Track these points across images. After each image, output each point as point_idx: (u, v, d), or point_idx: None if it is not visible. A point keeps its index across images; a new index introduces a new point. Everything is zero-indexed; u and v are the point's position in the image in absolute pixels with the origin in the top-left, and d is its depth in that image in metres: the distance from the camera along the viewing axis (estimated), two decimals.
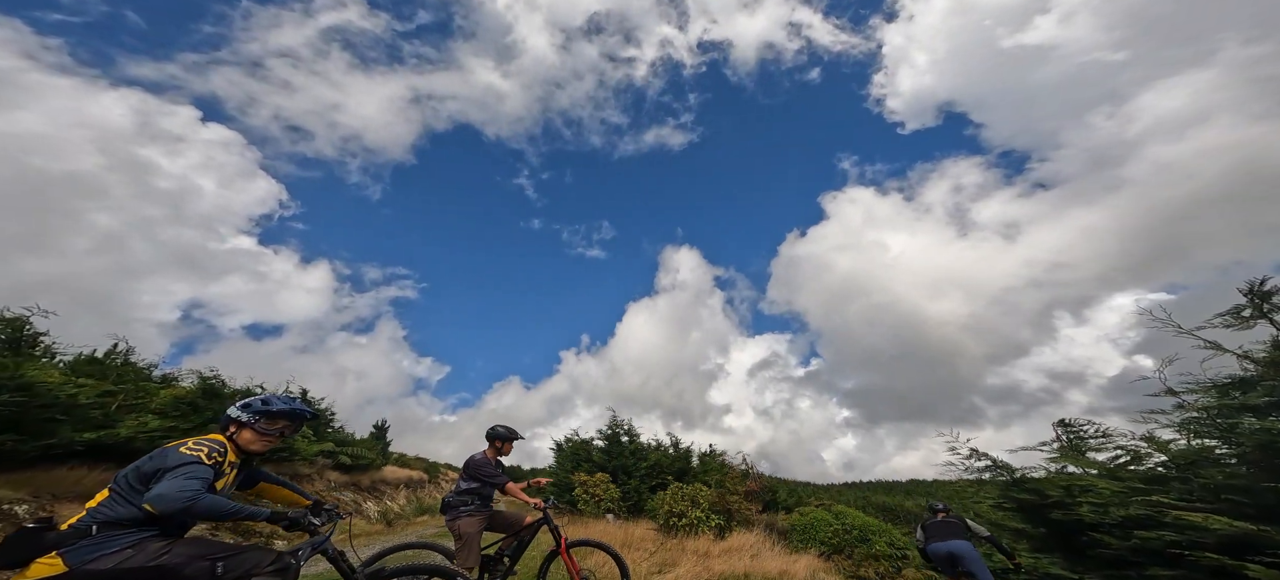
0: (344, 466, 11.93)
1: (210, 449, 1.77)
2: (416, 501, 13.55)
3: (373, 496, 12.09)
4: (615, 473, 13.37)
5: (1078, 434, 5.79)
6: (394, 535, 9.01)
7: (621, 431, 14.91)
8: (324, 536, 2.07)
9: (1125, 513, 4.49)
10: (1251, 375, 4.09)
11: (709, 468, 13.86)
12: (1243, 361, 4.15)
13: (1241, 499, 3.82)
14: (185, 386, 8.67)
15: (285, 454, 9.61)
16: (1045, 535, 5.78)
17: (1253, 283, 4.00)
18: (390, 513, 10.83)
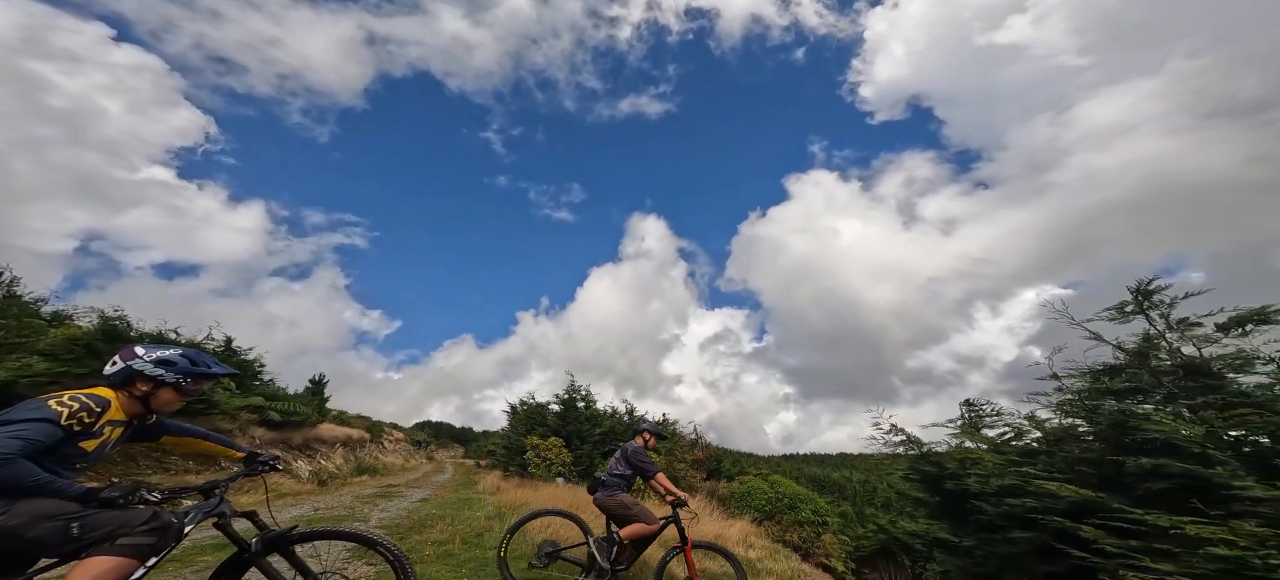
0: (273, 423, 11.29)
1: (80, 407, 1.57)
2: (355, 461, 13.23)
3: (306, 455, 11.64)
4: (569, 438, 13.74)
5: (978, 413, 6.50)
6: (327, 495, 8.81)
7: (578, 397, 15.22)
8: (217, 501, 1.88)
9: (1002, 483, 5.28)
10: (1120, 363, 4.80)
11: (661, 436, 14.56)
12: (1116, 351, 4.85)
13: (1090, 470, 4.63)
14: (81, 326, 7.67)
15: (201, 407, 8.92)
16: (939, 503, 6.73)
17: (1140, 282, 4.60)
18: (323, 472, 10.52)
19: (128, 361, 1.72)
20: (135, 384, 1.73)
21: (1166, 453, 3.89)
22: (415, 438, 29.18)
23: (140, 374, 1.72)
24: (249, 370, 11.92)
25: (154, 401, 1.77)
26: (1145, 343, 4.61)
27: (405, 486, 10.81)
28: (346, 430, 16.76)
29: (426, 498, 8.95)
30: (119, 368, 1.72)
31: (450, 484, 12.27)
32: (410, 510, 7.17)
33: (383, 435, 22.61)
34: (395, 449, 22.88)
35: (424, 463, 21.26)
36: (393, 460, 18.08)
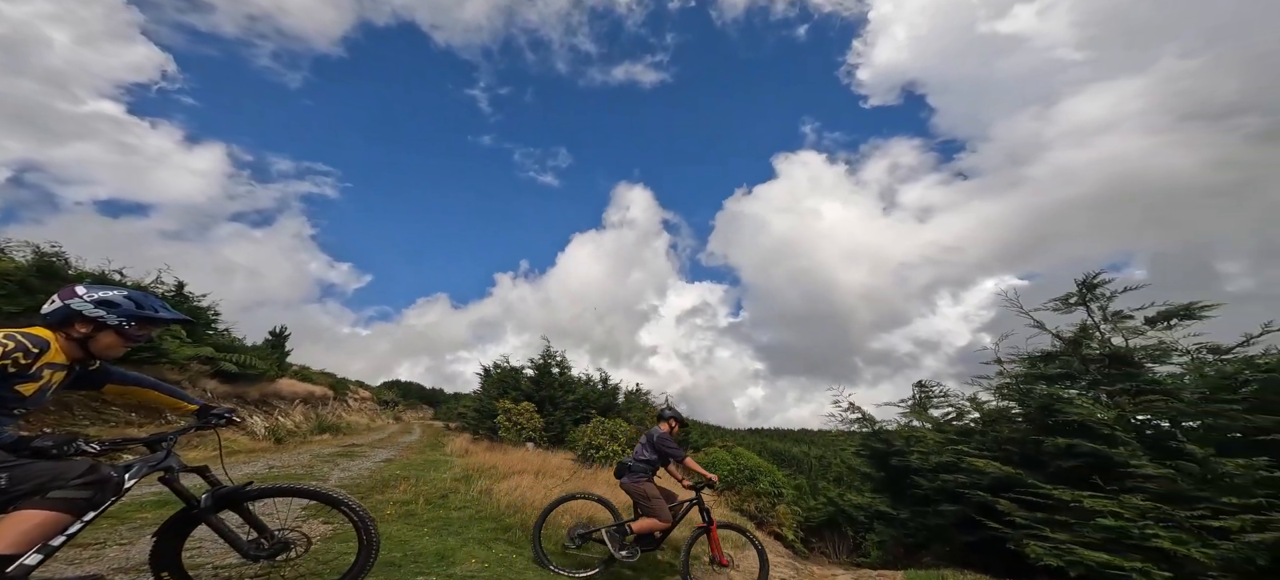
0: (227, 375, 10.81)
1: (15, 346, 1.46)
2: (316, 419, 12.94)
3: (263, 411, 11.28)
4: (542, 403, 13.86)
5: (928, 394, 6.97)
6: (284, 453, 8.64)
7: (553, 362, 15.26)
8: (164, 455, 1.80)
9: (939, 459, 5.78)
10: (1056, 351, 5.24)
11: (633, 406, 14.91)
12: (1054, 339, 5.28)
13: (1014, 449, 5.11)
14: (14, 261, 6.99)
15: (147, 354, 8.40)
16: (883, 478, 7.33)
17: (1087, 276, 4.97)
18: (280, 429, 10.24)
19: (66, 301, 1.61)
20: (74, 325, 1.62)
21: (1081, 434, 4.30)
22: (382, 397, 28.69)
23: (79, 315, 1.61)
24: (202, 318, 11.26)
25: (94, 345, 1.66)
26: (1081, 332, 5.00)
27: (369, 447, 10.73)
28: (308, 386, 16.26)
29: (391, 458, 8.94)
30: (57, 307, 1.61)
31: (417, 445, 12.27)
32: (373, 470, 7.16)
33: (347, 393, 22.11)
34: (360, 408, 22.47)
35: (391, 423, 21.04)
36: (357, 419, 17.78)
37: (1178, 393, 4.08)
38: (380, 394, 28.05)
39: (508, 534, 4.51)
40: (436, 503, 5.30)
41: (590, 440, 10.08)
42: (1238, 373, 3.83)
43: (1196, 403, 3.88)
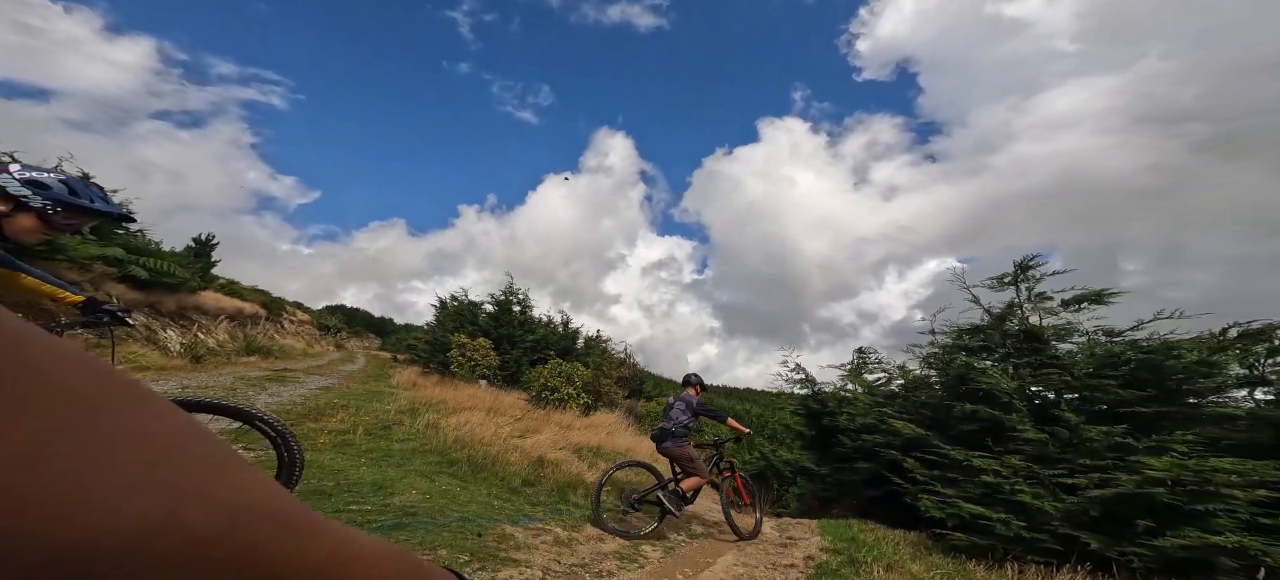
0: (138, 281, 9.61)
1: None
2: (243, 338, 12.00)
3: (180, 325, 10.26)
4: (500, 341, 13.71)
5: (865, 360, 7.51)
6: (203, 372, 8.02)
7: (515, 300, 14.97)
8: None
9: (864, 420, 6.38)
10: (982, 325, 5.78)
11: (592, 351, 15.15)
12: (984, 315, 5.79)
13: (928, 412, 5.73)
14: None
15: (42, 249, 7.19)
16: (814, 436, 8.05)
17: (1025, 257, 5.40)
18: (200, 346, 9.43)
19: None
20: None
21: (986, 401, 4.78)
22: (323, 322, 27.14)
23: (3, 190, 1.51)
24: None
25: (8, 225, 1.56)
26: (1007, 310, 5.41)
27: (304, 373, 10.22)
28: (236, 303, 14.96)
29: (329, 386, 8.60)
30: None
31: (359, 375, 11.87)
32: (307, 397, 6.85)
33: (283, 315, 20.66)
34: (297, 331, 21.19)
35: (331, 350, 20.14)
36: (292, 343, 16.81)
37: (1071, 368, 4.65)
38: (321, 318, 26.42)
39: (453, 468, 4.55)
40: (377, 434, 5.21)
41: (546, 382, 10.20)
42: (1121, 353, 4.41)
43: (1083, 378, 4.46)
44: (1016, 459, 4.26)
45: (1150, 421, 4.07)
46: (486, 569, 2.65)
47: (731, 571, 3.41)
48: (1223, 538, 3.11)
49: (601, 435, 7.58)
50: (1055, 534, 3.69)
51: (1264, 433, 3.83)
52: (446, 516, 3.17)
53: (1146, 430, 3.95)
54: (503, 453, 5.10)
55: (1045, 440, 4.26)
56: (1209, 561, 3.16)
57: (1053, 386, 4.78)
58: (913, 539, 4.41)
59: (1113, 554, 3.42)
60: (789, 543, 4.02)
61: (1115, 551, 3.43)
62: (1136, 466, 3.61)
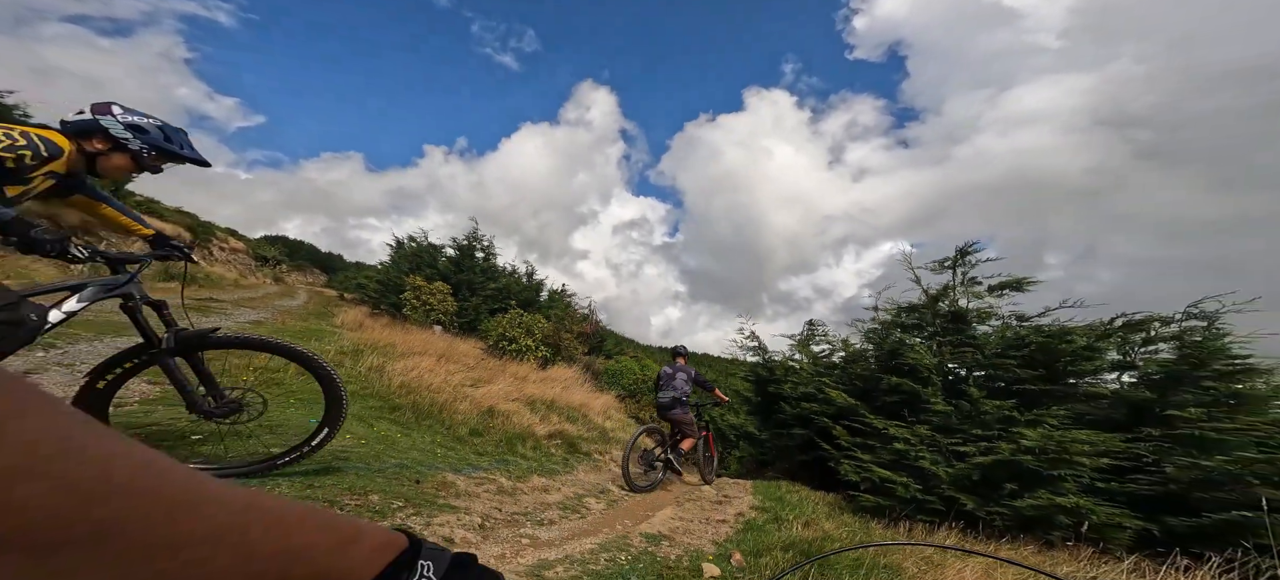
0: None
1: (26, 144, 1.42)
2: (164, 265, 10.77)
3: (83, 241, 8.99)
4: (459, 287, 13.26)
5: (814, 332, 7.96)
6: None
7: (479, 246, 14.46)
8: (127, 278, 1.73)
9: (805, 389, 6.85)
10: (919, 304, 6.22)
11: (556, 304, 15.02)
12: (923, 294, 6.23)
13: (860, 384, 6.26)
14: None
15: None
16: (759, 402, 8.58)
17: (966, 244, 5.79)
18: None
19: (97, 116, 1.63)
20: (93, 139, 1.63)
21: (910, 375, 5.26)
22: (260, 252, 25.11)
23: (104, 131, 1.63)
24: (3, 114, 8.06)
25: (103, 163, 1.67)
26: (941, 291, 5.85)
27: (233, 305, 9.47)
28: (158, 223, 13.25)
29: (261, 321, 8.04)
30: (84, 118, 1.62)
31: (298, 312, 11.16)
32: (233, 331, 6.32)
33: (212, 241, 18.76)
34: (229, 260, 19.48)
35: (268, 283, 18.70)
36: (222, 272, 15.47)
37: (983, 347, 5.16)
38: (258, 248, 24.45)
39: (396, 413, 4.45)
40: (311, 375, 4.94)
41: (505, 332, 10.05)
42: (1025, 336, 4.92)
43: (991, 357, 4.97)
44: (925, 429, 4.75)
45: (1036, 397, 4.63)
46: (422, 515, 2.65)
47: (669, 524, 3.63)
48: (1065, 499, 3.68)
49: (557, 389, 7.67)
50: (942, 496, 4.22)
51: (1120, 410, 4.48)
52: (382, 463, 3.11)
53: (1031, 405, 4.50)
54: (451, 401, 5.05)
55: (950, 412, 4.76)
56: (1050, 519, 3.75)
57: (966, 364, 5.30)
58: (831, 500, 4.90)
59: (982, 513, 3.98)
60: (724, 500, 4.34)
61: (984, 511, 3.99)
62: (1015, 436, 4.12)
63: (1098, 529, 3.62)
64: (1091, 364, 4.72)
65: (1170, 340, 4.45)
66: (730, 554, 2.82)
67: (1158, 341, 4.56)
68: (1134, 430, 4.18)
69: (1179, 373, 4.22)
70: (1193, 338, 4.27)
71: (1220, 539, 3.35)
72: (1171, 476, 3.89)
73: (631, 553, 2.82)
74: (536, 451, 4.92)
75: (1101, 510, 3.58)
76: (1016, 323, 5.31)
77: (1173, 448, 4.01)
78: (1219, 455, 3.78)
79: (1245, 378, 4.04)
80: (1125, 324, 4.64)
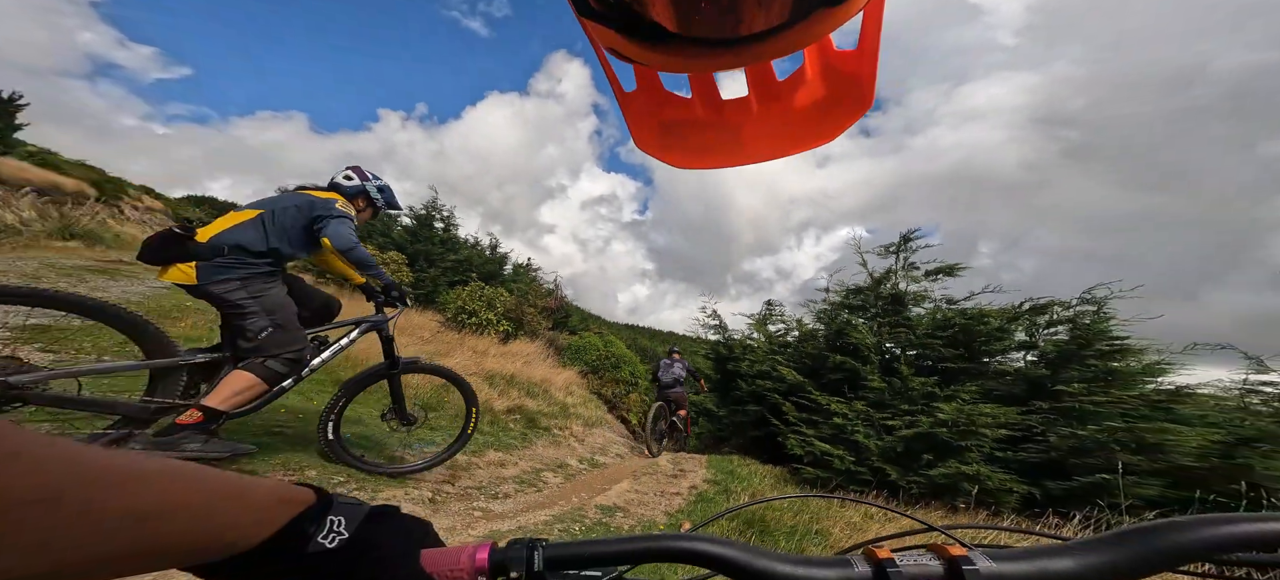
0: None
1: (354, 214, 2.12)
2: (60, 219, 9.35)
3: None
4: (416, 258, 12.58)
5: (772, 312, 8.32)
6: None
7: (438, 216, 13.75)
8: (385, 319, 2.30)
9: (760, 367, 7.24)
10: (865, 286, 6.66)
11: (521, 278, 14.61)
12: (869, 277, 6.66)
13: (809, 362, 6.68)
14: None
15: None
16: (719, 379, 8.94)
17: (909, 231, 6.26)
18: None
19: (364, 181, 2.21)
20: (357, 200, 2.18)
21: (853, 354, 5.71)
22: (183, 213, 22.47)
23: (367, 194, 2.19)
24: None
25: (359, 218, 2.17)
26: (884, 275, 6.33)
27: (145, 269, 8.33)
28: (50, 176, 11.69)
29: None
30: (357, 184, 2.18)
31: None
32: (148, 296, 5.66)
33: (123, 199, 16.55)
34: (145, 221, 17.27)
35: None
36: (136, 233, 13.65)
37: (915, 328, 5.62)
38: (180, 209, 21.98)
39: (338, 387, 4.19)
40: None
41: (464, 304, 9.67)
42: (952, 318, 5.41)
43: (922, 337, 5.43)
44: (861, 404, 5.17)
45: (955, 375, 5.14)
46: (366, 490, 2.56)
47: (624, 496, 3.74)
48: (969, 467, 4.16)
49: (517, 364, 7.54)
50: (871, 467, 4.63)
51: (1019, 386, 5.07)
52: None
53: (950, 382, 4.99)
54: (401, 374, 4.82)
55: (884, 389, 5.19)
56: (956, 486, 4.24)
57: (900, 344, 5.77)
58: (777, 472, 5.28)
59: (903, 482, 4.43)
60: (680, 474, 4.53)
61: (904, 480, 4.44)
62: (934, 410, 4.57)
63: (992, 493, 4.14)
64: (1001, 344, 5.28)
65: (1066, 323, 5.05)
66: (681, 524, 2.95)
67: (1057, 324, 5.18)
68: (1028, 404, 4.77)
69: (1069, 352, 4.82)
70: (1084, 321, 4.87)
71: (1084, 499, 3.94)
72: (1053, 445, 4.50)
73: (586, 523, 2.89)
74: (494, 426, 4.84)
75: (996, 476, 4.10)
76: (946, 306, 5.81)
77: (1058, 419, 4.62)
78: (1092, 425, 4.39)
79: (1121, 357, 4.69)
80: (1032, 308, 5.20)
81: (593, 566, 0.28)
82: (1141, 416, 4.34)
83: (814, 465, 5.01)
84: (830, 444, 4.97)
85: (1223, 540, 0.21)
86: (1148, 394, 4.55)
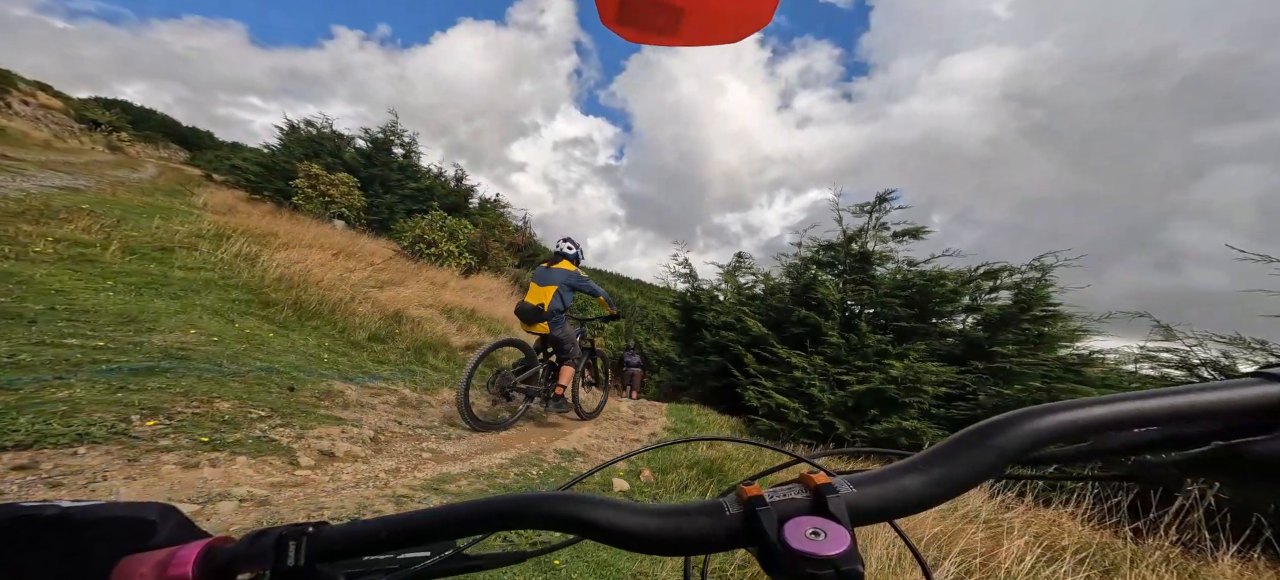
0: None
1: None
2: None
3: None
4: (370, 182, 11.38)
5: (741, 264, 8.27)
6: None
7: (397, 141, 12.46)
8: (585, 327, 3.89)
9: (725, 318, 7.26)
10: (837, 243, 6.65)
11: (487, 212, 13.68)
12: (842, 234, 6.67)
13: (773, 315, 6.76)
14: None
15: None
16: (683, 330, 8.96)
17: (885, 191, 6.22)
18: None
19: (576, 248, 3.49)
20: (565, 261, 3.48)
21: (817, 309, 5.79)
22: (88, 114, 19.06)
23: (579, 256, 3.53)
24: None
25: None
26: (857, 233, 6.33)
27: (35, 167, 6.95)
28: None
29: (76, 188, 6.02)
30: (576, 251, 3.46)
31: (141, 185, 8.71)
32: (32, 194, 4.66)
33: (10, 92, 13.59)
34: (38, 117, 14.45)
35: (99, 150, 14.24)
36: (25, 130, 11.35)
37: (877, 287, 5.71)
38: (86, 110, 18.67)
39: (269, 310, 3.71)
40: (146, 254, 3.91)
41: (423, 234, 8.87)
42: (912, 279, 5.52)
43: (883, 296, 5.54)
44: (820, 359, 5.28)
45: (907, 334, 5.32)
46: (292, 427, 2.22)
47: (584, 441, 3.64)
48: (908, 423, 4.37)
49: (479, 299, 7.16)
50: (822, 420, 4.79)
51: (960, 346, 5.33)
52: (242, 364, 2.53)
53: (902, 340, 5.15)
54: (347, 300, 4.35)
55: (841, 345, 5.28)
56: (894, 440, 4.49)
57: (861, 301, 5.87)
58: (734, 423, 5.47)
59: (848, 435, 4.63)
60: (640, 421, 4.51)
61: (851, 434, 4.64)
62: (886, 367, 4.71)
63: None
64: (952, 306, 5.47)
65: (1012, 288, 5.29)
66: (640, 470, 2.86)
67: (1001, 289, 5.42)
68: (966, 364, 5.06)
69: (1009, 314, 5.09)
70: (1027, 286, 5.11)
71: None
72: (981, 403, 4.82)
73: (544, 467, 2.74)
74: (450, 363, 4.55)
75: (930, 432, 4.35)
76: (907, 267, 5.89)
77: (989, 379, 4.93)
78: (1017, 385, 4.70)
79: (1052, 322, 4.99)
80: (985, 272, 5.38)
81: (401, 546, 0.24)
82: (1056, 377, 4.70)
83: (769, 417, 5.15)
84: (786, 396, 5.10)
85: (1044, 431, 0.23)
86: (1066, 357, 4.93)
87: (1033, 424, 0.23)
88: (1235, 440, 0.22)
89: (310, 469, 1.98)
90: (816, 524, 0.20)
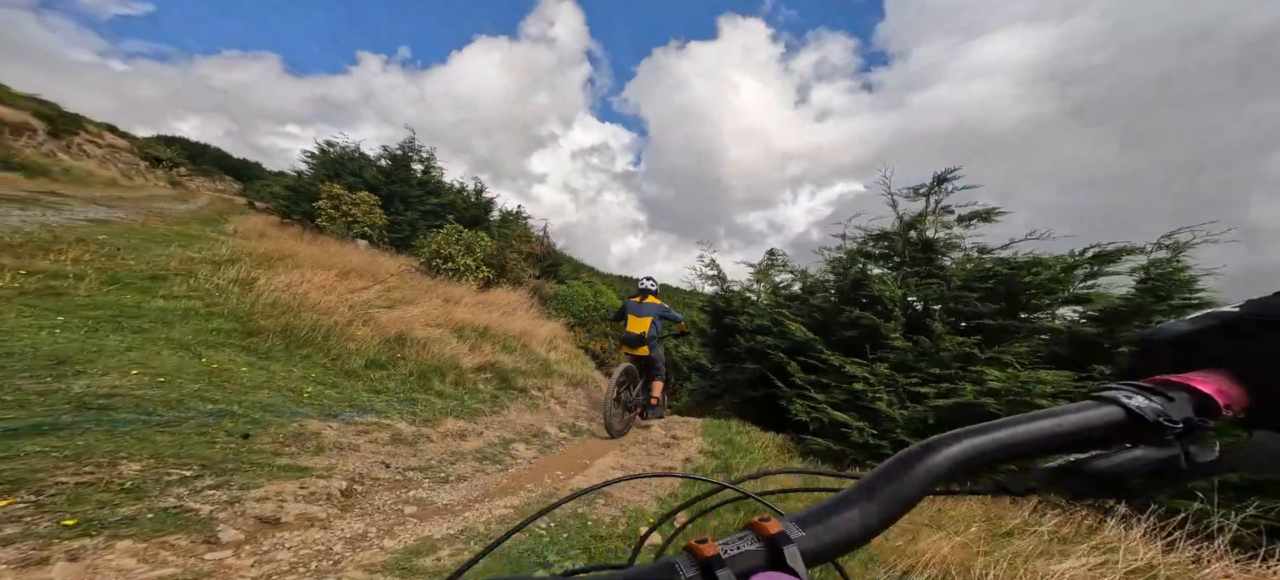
0: None
1: None
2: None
3: None
4: (391, 199, 11.39)
5: (774, 261, 7.35)
6: None
7: (416, 157, 12.55)
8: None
9: (761, 322, 6.30)
10: (890, 232, 5.56)
11: (508, 225, 13.49)
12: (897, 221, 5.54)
13: (817, 317, 5.80)
14: None
15: None
16: (714, 335, 8.10)
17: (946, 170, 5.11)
18: None
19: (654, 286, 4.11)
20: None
21: (871, 308, 4.83)
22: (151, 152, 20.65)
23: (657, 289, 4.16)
24: None
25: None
26: (916, 219, 5.28)
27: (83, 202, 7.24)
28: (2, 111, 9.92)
29: (110, 220, 6.09)
30: (655, 286, 4.06)
31: (182, 216, 8.92)
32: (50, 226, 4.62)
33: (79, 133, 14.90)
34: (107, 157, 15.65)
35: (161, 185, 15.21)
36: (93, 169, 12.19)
37: (948, 280, 4.69)
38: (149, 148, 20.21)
39: (252, 339, 3.32)
40: (129, 283, 3.65)
41: (439, 248, 8.61)
42: (990, 269, 4.50)
43: (955, 290, 4.52)
44: (883, 367, 4.36)
45: (995, 334, 4.29)
46: (228, 488, 1.70)
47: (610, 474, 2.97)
48: None
49: (494, 315, 6.67)
50: (894, 441, 3.88)
51: (1064, 347, 4.23)
52: (185, 409, 2.05)
53: (991, 342, 4.14)
54: (343, 324, 3.92)
55: (908, 350, 4.34)
56: None
57: (927, 297, 4.85)
58: (780, 442, 4.57)
59: None
60: (672, 443, 3.81)
61: None
62: (979, 376, 3.74)
63: None
64: (1051, 298, 4.39)
65: (1135, 272, 4.17)
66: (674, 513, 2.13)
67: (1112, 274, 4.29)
68: (1079, 368, 4.00)
69: (1137, 305, 3.98)
70: (1156, 270, 4.00)
71: None
72: None
73: (555, 517, 2.09)
74: (458, 388, 4.06)
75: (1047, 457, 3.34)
76: (979, 254, 4.86)
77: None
78: None
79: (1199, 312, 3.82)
80: (1097, 255, 4.27)
81: None
82: None
83: (823, 435, 4.28)
84: (844, 411, 4.23)
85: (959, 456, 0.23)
86: None
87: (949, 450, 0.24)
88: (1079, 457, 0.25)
89: (231, 549, 1.43)
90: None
